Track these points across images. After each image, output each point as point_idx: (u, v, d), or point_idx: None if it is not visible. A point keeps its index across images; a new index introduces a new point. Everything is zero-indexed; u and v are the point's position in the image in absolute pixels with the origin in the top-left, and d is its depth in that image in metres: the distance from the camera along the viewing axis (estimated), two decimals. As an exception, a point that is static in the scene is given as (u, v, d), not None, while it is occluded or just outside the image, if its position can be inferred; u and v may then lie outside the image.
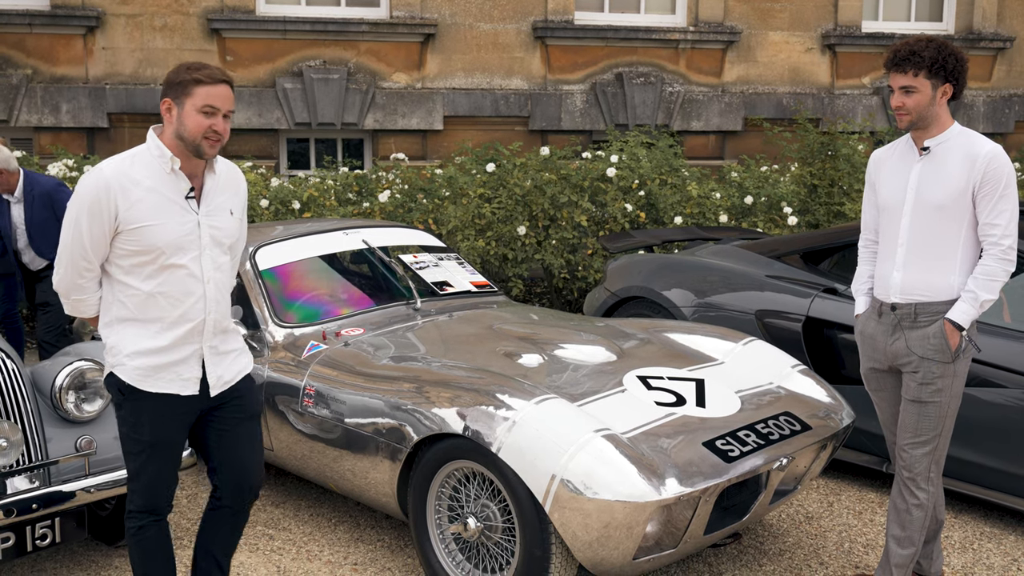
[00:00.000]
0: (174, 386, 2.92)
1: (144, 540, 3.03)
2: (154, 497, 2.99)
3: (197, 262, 2.90)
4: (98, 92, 8.77)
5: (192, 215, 2.89)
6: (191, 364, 2.94)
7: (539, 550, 3.26)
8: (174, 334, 2.90)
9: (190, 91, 2.81)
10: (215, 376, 2.99)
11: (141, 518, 3.02)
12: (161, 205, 2.84)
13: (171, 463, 2.99)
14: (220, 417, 3.04)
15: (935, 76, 3.24)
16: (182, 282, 2.88)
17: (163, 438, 2.94)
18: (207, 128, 2.81)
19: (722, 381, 3.93)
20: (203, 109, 2.80)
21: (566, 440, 3.20)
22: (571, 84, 9.77)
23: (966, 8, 10.62)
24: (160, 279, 2.86)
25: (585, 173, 7.64)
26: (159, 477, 2.98)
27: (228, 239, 2.99)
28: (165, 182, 2.86)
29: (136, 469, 2.97)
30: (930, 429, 3.37)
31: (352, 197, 7.67)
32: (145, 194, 2.82)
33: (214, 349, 2.99)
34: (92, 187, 2.80)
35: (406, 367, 3.89)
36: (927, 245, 3.31)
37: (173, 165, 2.86)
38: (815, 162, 8.15)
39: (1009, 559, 4.06)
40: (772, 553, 4.07)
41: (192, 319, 2.91)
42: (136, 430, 2.93)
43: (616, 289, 5.73)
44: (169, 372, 2.91)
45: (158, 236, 2.82)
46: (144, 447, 2.93)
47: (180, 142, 2.85)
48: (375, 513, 4.46)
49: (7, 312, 6.28)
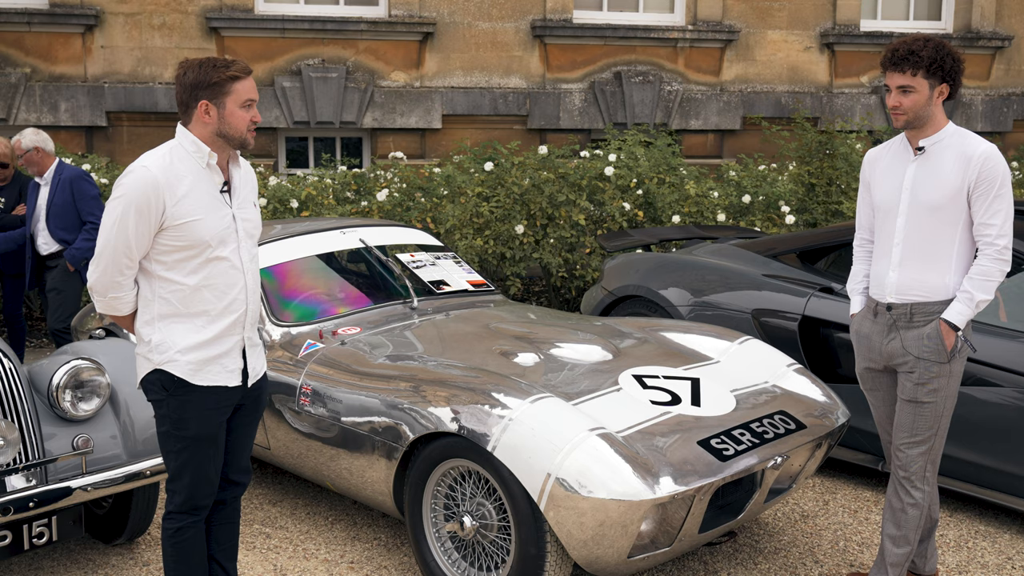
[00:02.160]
0: (221, 378, 2.95)
1: (182, 542, 3.03)
2: (195, 496, 3.00)
3: (236, 254, 2.94)
4: (97, 91, 8.78)
5: (227, 208, 2.93)
6: (234, 355, 2.98)
7: (534, 548, 3.27)
8: (220, 326, 2.93)
9: (229, 89, 2.83)
10: (251, 367, 3.05)
11: (180, 519, 3.02)
12: (202, 199, 2.86)
13: (213, 460, 3.00)
14: (236, 415, 3.08)
15: (933, 76, 3.24)
16: (226, 274, 2.92)
17: (206, 433, 2.95)
18: (250, 121, 2.87)
19: (717, 380, 3.94)
20: (244, 104, 2.85)
21: (561, 439, 3.21)
22: (569, 83, 9.78)
23: (965, 7, 10.63)
24: (205, 272, 2.88)
25: (583, 172, 7.64)
26: (201, 474, 2.98)
27: (256, 231, 3.05)
28: (202, 177, 2.88)
29: (178, 467, 2.97)
30: (926, 429, 3.37)
31: (350, 196, 7.67)
32: (189, 189, 2.84)
33: (250, 340, 3.05)
34: (140, 184, 2.78)
35: (403, 366, 3.89)
36: (922, 245, 3.32)
37: (210, 160, 2.89)
38: (813, 161, 8.16)
39: (1004, 557, 4.07)
40: (767, 551, 4.08)
41: (236, 310, 2.95)
42: (179, 426, 2.93)
43: (613, 288, 5.74)
44: (216, 364, 2.94)
45: (203, 230, 2.85)
46: (188, 443, 2.94)
47: (222, 139, 2.88)
48: (371, 512, 4.47)
49: (12, 312, 6.32)
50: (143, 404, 3.74)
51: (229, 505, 3.20)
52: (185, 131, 2.89)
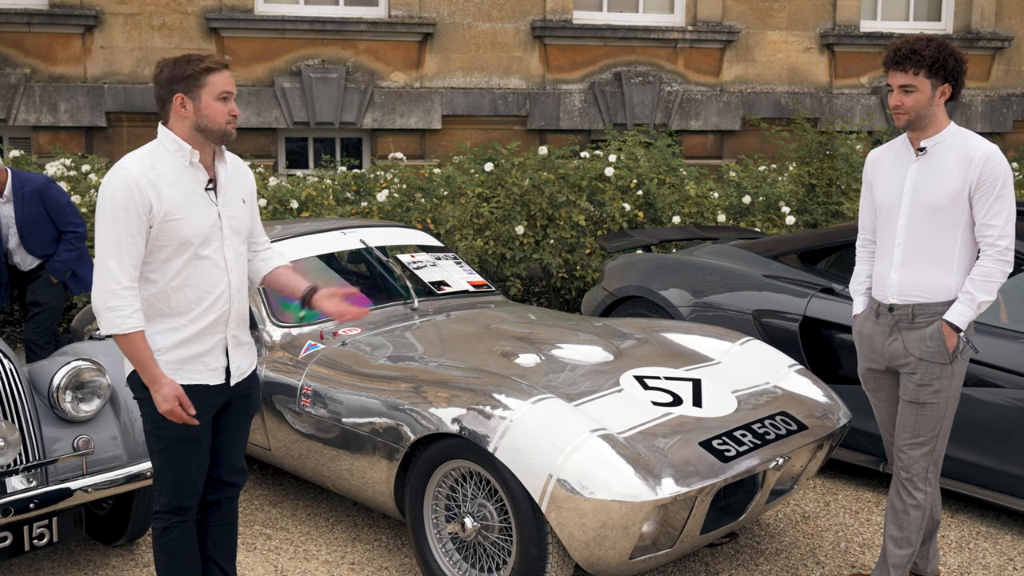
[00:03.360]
0: (203, 376, 2.93)
1: (169, 542, 3.03)
2: (179, 496, 2.99)
3: (220, 252, 2.92)
4: (96, 91, 8.77)
5: (213, 206, 2.91)
6: (216, 354, 2.96)
7: (536, 550, 3.26)
8: (200, 324, 2.91)
9: (203, 81, 2.82)
10: (235, 365, 3.03)
11: (166, 519, 3.02)
12: (185, 198, 2.85)
13: (196, 460, 2.99)
14: (224, 415, 3.07)
15: (935, 76, 3.23)
16: (208, 273, 2.90)
17: (187, 433, 2.93)
18: (227, 113, 2.85)
19: (719, 381, 3.93)
20: (220, 96, 2.83)
21: (563, 440, 3.21)
22: (569, 83, 9.77)
23: (964, 7, 10.63)
24: (187, 272, 2.87)
25: (583, 172, 7.64)
26: (184, 474, 2.98)
27: (244, 228, 3.02)
28: (185, 175, 2.87)
29: (161, 466, 2.98)
30: (928, 430, 3.37)
31: (350, 196, 7.67)
32: (170, 189, 2.83)
33: (236, 339, 3.03)
34: (121, 185, 2.77)
35: (403, 367, 3.89)
36: (924, 246, 3.31)
37: (192, 158, 2.87)
38: (813, 162, 8.16)
39: (1005, 558, 4.06)
40: (768, 553, 4.08)
41: (218, 309, 2.93)
42: (160, 426, 2.92)
43: (614, 289, 5.73)
44: (197, 363, 2.92)
45: (187, 229, 2.83)
46: (168, 443, 2.93)
47: (201, 134, 2.86)
48: (372, 513, 4.46)
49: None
50: (144, 405, 3.74)
51: (224, 506, 3.20)
52: (166, 130, 2.88)
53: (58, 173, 7.35)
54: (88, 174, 7.48)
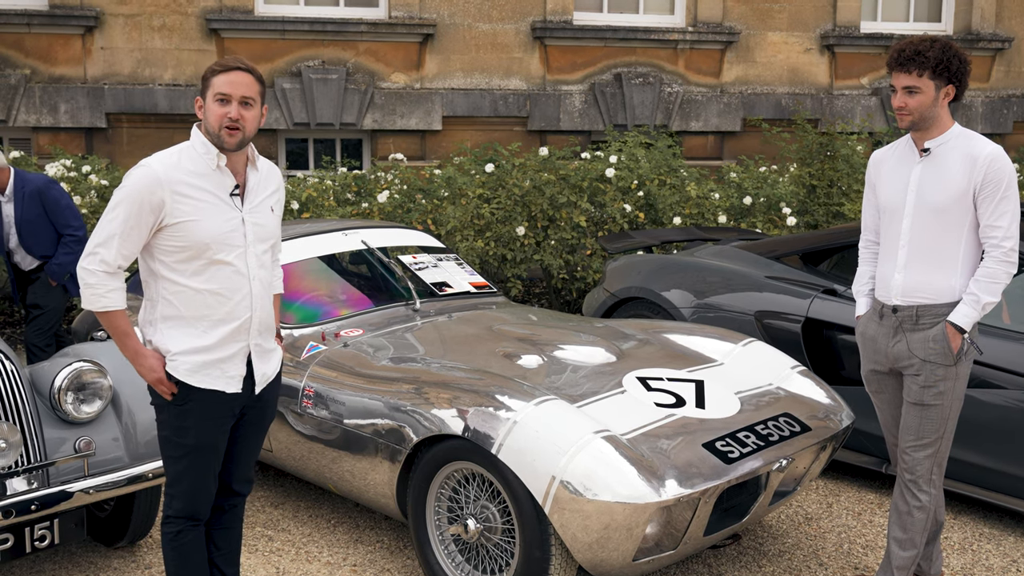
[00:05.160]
0: (220, 383, 2.90)
1: (181, 546, 3.01)
2: (193, 503, 2.98)
3: (243, 259, 2.89)
4: (96, 92, 8.76)
5: (236, 212, 2.88)
6: (236, 362, 2.93)
7: (539, 551, 3.25)
8: (221, 332, 2.88)
9: (209, 83, 2.82)
10: (260, 373, 3.00)
11: (179, 523, 3.00)
12: (206, 201, 2.83)
13: (212, 468, 2.97)
14: (239, 424, 3.05)
15: (939, 77, 3.22)
16: (229, 279, 2.87)
17: (206, 441, 2.91)
18: (223, 117, 2.79)
19: (721, 382, 3.92)
20: (217, 97, 2.80)
21: (566, 441, 3.20)
22: (570, 84, 9.77)
23: (965, 8, 10.62)
24: (207, 275, 2.84)
25: (584, 173, 7.63)
26: (200, 482, 2.96)
27: (271, 237, 2.99)
28: (211, 179, 2.85)
29: (177, 474, 2.95)
30: (932, 432, 3.36)
31: (351, 197, 7.66)
32: (191, 190, 2.81)
33: (259, 347, 2.99)
34: (142, 180, 2.76)
35: (405, 368, 3.88)
36: (928, 247, 3.30)
37: (219, 161, 2.85)
38: (814, 163, 8.15)
39: (1008, 560, 4.05)
40: (771, 554, 4.07)
41: (239, 316, 2.90)
42: (179, 433, 2.90)
43: (615, 290, 5.72)
44: (215, 369, 2.89)
45: (202, 232, 2.80)
46: (187, 451, 2.91)
47: (208, 136, 2.85)
48: (374, 514, 4.45)
49: None
50: (145, 406, 3.73)
51: (229, 512, 3.18)
52: (198, 132, 2.88)
53: (58, 174, 7.34)
54: (88, 175, 7.46)
